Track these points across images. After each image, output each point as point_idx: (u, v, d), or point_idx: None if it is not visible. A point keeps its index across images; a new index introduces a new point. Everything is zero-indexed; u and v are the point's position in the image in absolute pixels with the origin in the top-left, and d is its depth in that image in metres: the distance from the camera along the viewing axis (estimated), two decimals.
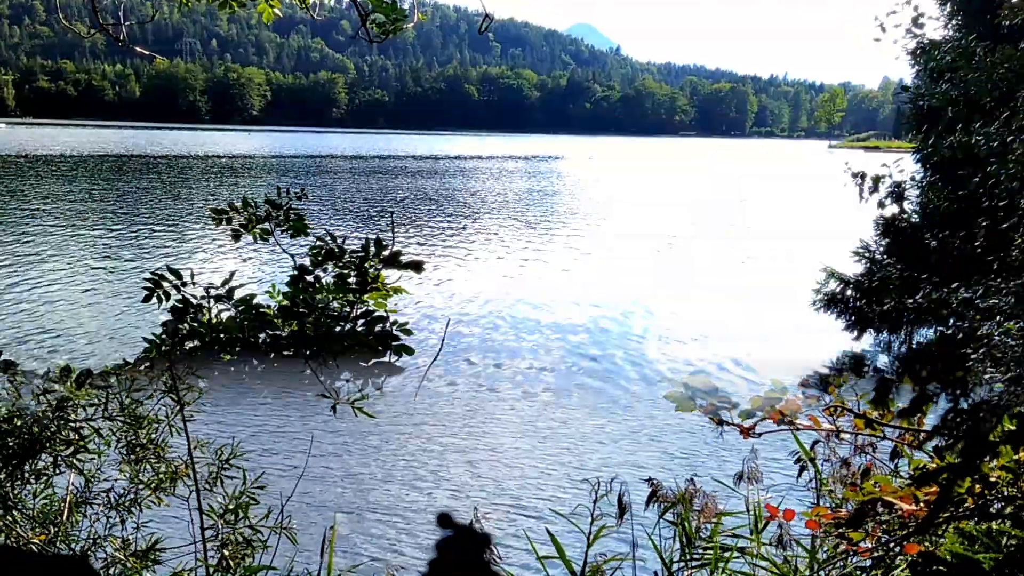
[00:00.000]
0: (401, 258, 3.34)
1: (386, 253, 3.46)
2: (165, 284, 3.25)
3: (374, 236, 3.23)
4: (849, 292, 13.32)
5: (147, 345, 2.78)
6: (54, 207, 31.37)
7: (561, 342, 13.93)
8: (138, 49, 4.42)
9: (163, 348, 3.26)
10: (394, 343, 2.70)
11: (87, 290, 16.78)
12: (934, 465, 3.38)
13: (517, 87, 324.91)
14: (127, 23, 3.94)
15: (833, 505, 4.67)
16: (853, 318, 13.30)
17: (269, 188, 41.56)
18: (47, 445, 2.70)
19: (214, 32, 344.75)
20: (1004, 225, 7.06)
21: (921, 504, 3.03)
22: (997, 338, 6.61)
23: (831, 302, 13.50)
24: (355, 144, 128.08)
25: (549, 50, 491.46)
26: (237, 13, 4.11)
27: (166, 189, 41.71)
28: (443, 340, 12.10)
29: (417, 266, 3.41)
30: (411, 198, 40.93)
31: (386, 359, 2.68)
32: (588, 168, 79.55)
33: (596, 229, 30.26)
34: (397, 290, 2.93)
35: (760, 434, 3.37)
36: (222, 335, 2.89)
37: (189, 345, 2.78)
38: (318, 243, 3.33)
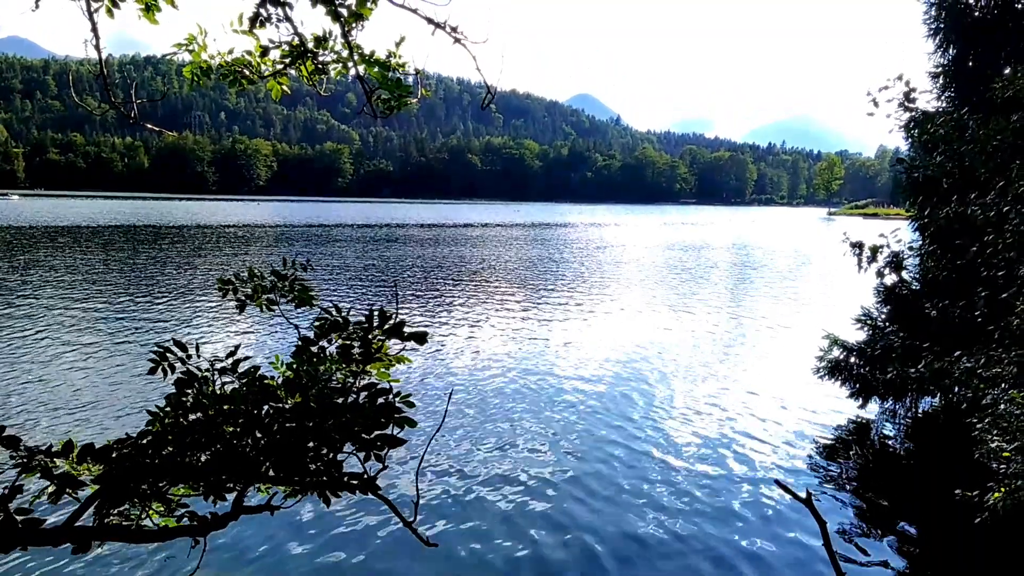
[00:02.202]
0: (405, 329, 3.36)
1: (389, 324, 3.49)
2: (170, 356, 3.30)
3: (378, 307, 3.30)
4: (853, 359, 13.29)
5: (150, 417, 2.80)
6: (69, 278, 31.50)
7: (566, 416, 13.77)
8: (149, 126, 4.52)
9: (166, 421, 3.26)
10: (396, 415, 2.71)
11: (96, 362, 16.75)
12: None
13: (519, 157, 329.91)
14: (138, 100, 4.06)
15: None
16: (857, 386, 13.23)
17: (278, 256, 41.96)
18: None
19: (223, 105, 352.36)
20: (1004, 295, 7.10)
21: None
22: (1003, 407, 6.58)
23: (835, 369, 13.46)
24: (362, 213, 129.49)
25: (551, 120, 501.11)
26: (247, 89, 4.23)
27: (181, 258, 41.96)
28: (445, 412, 12.02)
29: (420, 337, 3.42)
30: (417, 266, 41.14)
31: (388, 431, 2.67)
32: (594, 234, 79.91)
33: (601, 297, 30.25)
34: (400, 359, 2.95)
35: None
36: (226, 407, 2.90)
37: (192, 417, 2.80)
38: (323, 314, 3.39)
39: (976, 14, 11.77)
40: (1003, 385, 7.07)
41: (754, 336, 22.35)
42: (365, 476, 3.35)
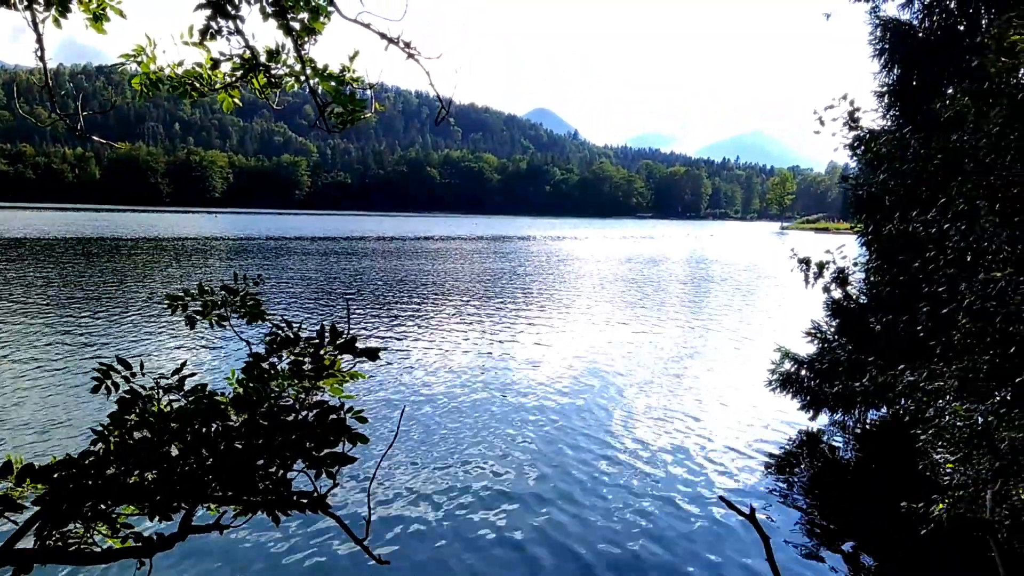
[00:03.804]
0: (357, 345, 3.36)
1: (341, 340, 3.48)
2: (114, 374, 3.22)
3: (333, 322, 3.30)
4: (803, 372, 13.52)
5: (95, 436, 2.72)
6: (19, 292, 30.51)
7: (519, 432, 13.74)
8: (96, 138, 4.46)
9: (111, 440, 3.21)
10: (348, 432, 2.68)
11: (45, 379, 16.27)
12: None
13: (478, 170, 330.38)
14: (85, 112, 4.00)
15: None
16: (808, 398, 13.46)
17: (238, 269, 41.28)
18: None
19: (177, 116, 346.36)
20: (945, 310, 7.30)
21: None
22: (947, 419, 6.75)
23: (786, 382, 13.68)
24: (320, 225, 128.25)
25: (509, 134, 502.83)
26: (199, 101, 4.20)
27: (137, 271, 40.94)
28: (398, 428, 11.91)
29: (373, 353, 3.41)
30: (376, 280, 40.77)
31: (339, 449, 2.64)
32: (554, 248, 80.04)
33: (560, 312, 30.31)
34: (354, 375, 2.93)
35: None
36: (172, 425, 2.83)
37: (138, 435, 2.73)
38: (274, 330, 3.37)
39: (920, 35, 12.14)
40: (947, 397, 7.26)
41: (710, 349, 22.62)
42: (315, 494, 3.32)
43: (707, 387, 17.55)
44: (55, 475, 3.10)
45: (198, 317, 3.84)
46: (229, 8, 3.43)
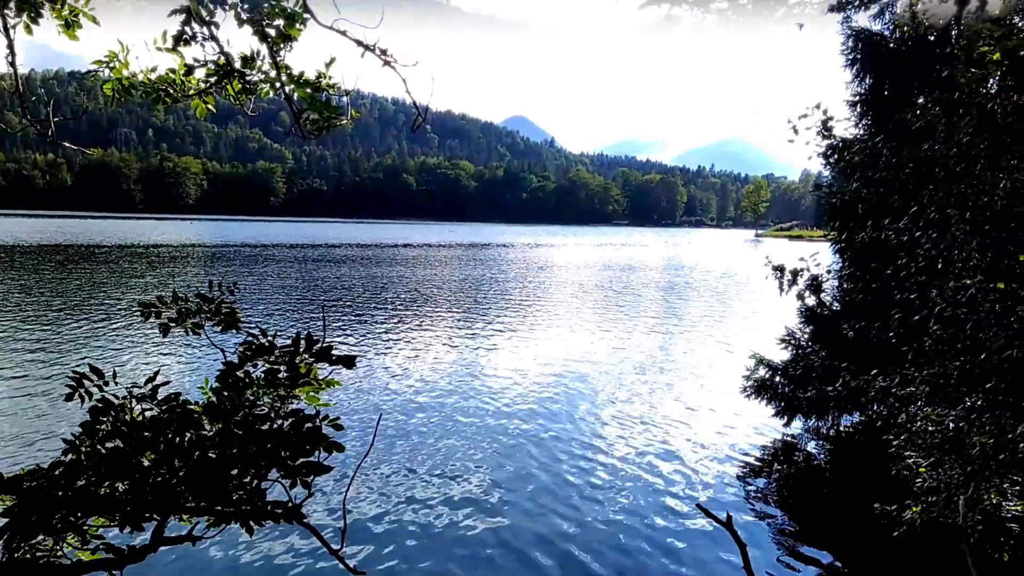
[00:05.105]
0: (332, 353, 3.35)
1: (317, 348, 3.47)
2: (87, 383, 3.18)
3: (309, 330, 3.29)
4: (778, 378, 13.62)
5: (66, 446, 2.70)
6: None
7: (496, 440, 13.70)
8: (67, 144, 4.40)
9: (82, 449, 3.17)
10: (324, 441, 2.67)
11: (15, 388, 15.95)
12: None
13: (455, 177, 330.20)
14: (56, 119, 3.95)
15: None
16: (782, 404, 13.56)
17: (215, 276, 40.83)
18: None
19: (150, 122, 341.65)
20: (916, 317, 7.40)
21: None
22: (919, 423, 6.83)
23: (761, 388, 13.77)
24: (296, 232, 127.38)
25: (486, 142, 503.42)
26: (172, 107, 4.16)
27: (113, 279, 40.27)
28: (374, 437, 11.84)
29: (348, 361, 3.41)
30: (353, 287, 40.48)
31: (314, 458, 2.62)
32: (532, 254, 79.98)
33: (538, 318, 30.28)
34: (330, 383, 2.92)
35: None
36: (145, 434, 2.80)
37: (110, 445, 2.71)
38: (248, 338, 3.34)
39: (891, 46, 12.31)
40: (919, 402, 7.34)
41: (686, 356, 22.72)
42: (290, 504, 3.29)
43: (683, 394, 17.62)
44: (24, 486, 3.05)
45: (172, 325, 3.80)
46: (204, 13, 3.41)
